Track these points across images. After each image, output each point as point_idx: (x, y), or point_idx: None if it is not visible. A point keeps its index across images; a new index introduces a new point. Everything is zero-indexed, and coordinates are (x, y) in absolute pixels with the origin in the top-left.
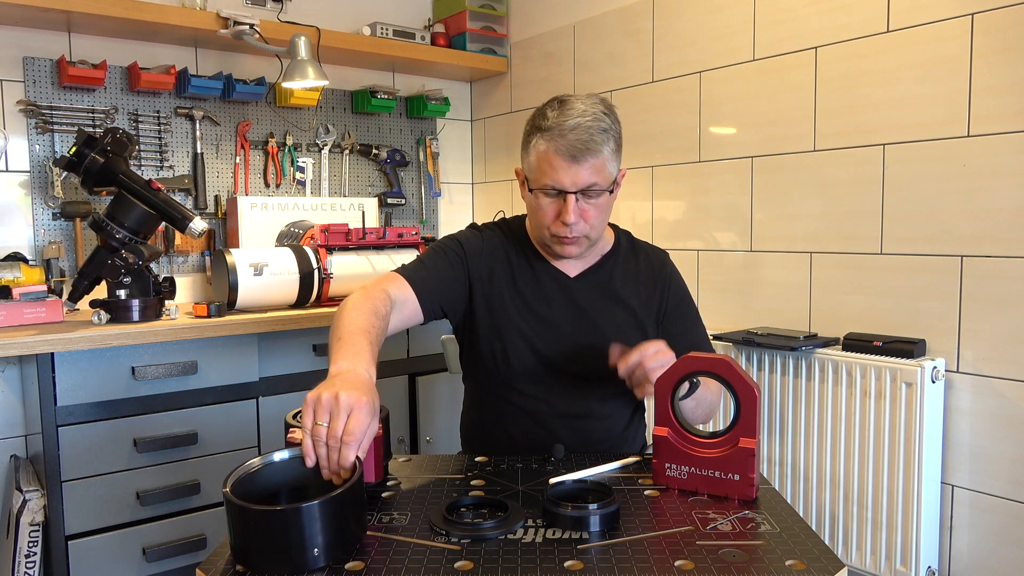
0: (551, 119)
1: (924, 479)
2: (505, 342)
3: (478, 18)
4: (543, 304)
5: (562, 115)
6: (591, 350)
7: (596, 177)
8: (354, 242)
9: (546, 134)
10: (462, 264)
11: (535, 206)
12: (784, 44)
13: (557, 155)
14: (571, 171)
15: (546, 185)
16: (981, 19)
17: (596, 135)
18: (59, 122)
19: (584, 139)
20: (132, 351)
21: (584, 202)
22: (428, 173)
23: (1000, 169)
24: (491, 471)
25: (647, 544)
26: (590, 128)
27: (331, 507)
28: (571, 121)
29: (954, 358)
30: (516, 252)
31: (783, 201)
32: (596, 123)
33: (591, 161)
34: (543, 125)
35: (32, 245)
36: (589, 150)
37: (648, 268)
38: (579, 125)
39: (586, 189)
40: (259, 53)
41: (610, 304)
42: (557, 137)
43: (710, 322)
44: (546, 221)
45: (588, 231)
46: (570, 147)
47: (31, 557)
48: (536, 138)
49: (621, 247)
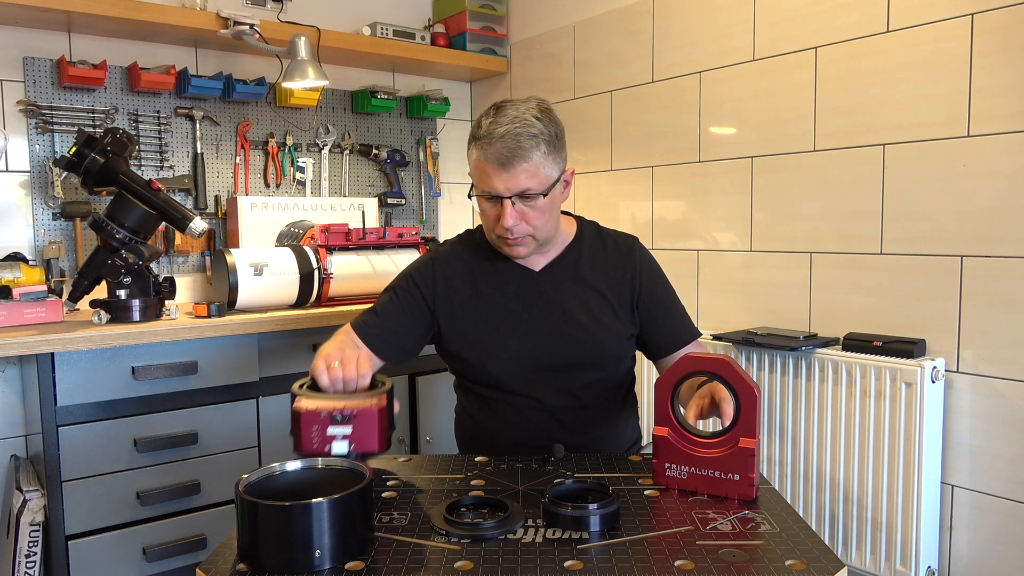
0: (484, 127)
1: (924, 479)
2: (482, 347)
3: (478, 18)
4: (512, 301)
5: (494, 123)
6: (567, 339)
7: (530, 182)
8: (354, 242)
9: (479, 142)
10: (414, 296)
11: (480, 209)
12: (784, 44)
13: (487, 163)
14: (502, 177)
15: (483, 191)
16: (981, 19)
17: (524, 141)
18: (59, 122)
19: (511, 146)
20: (132, 351)
21: (522, 205)
22: (428, 173)
23: (1000, 169)
24: (491, 471)
25: (647, 544)
26: (518, 135)
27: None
28: (501, 129)
29: (954, 358)
30: (478, 258)
31: (783, 201)
32: (525, 129)
33: (521, 166)
34: (477, 134)
35: (32, 245)
36: (517, 156)
37: (616, 253)
38: (507, 132)
39: (521, 193)
40: (259, 53)
41: (579, 290)
42: (486, 145)
43: (710, 322)
44: (490, 224)
45: (532, 231)
46: (498, 155)
47: (31, 557)
48: (472, 145)
49: (585, 236)
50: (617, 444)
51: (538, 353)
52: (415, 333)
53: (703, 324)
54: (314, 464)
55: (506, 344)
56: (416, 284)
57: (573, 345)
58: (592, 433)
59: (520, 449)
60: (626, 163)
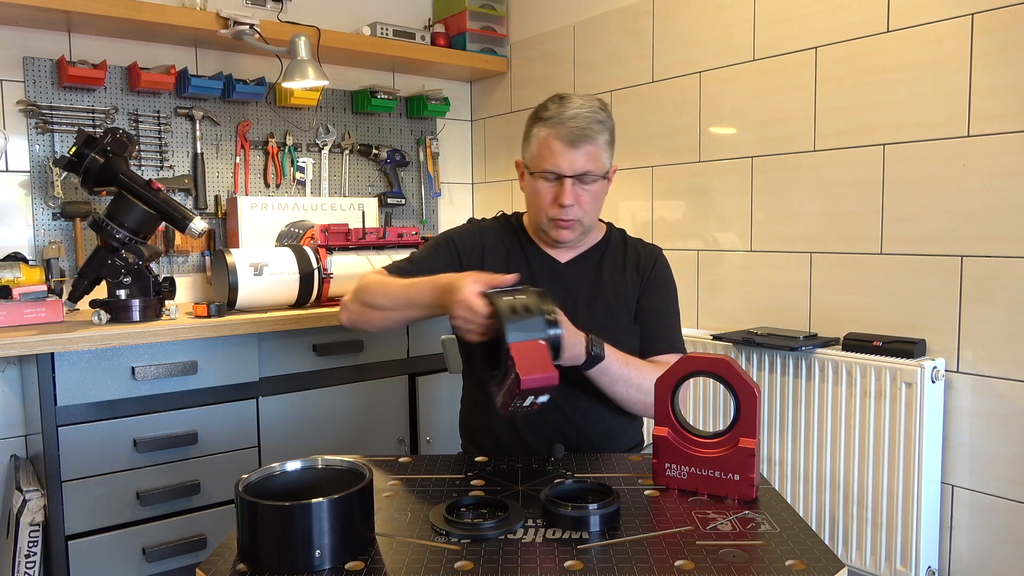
0: (551, 110)
1: (924, 479)
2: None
3: (478, 18)
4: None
5: (562, 107)
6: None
7: (591, 164)
8: (354, 242)
9: (547, 122)
10: (452, 255)
11: (534, 190)
12: (784, 44)
13: (557, 140)
14: (569, 156)
15: (545, 170)
16: (981, 19)
17: (593, 124)
18: (59, 122)
19: (581, 127)
20: (132, 351)
21: (579, 187)
22: (428, 173)
23: (1000, 169)
24: (491, 471)
25: (647, 544)
26: (587, 117)
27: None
28: (571, 111)
29: (954, 358)
30: (512, 239)
31: (783, 201)
32: (593, 115)
33: (587, 148)
34: (544, 116)
35: (32, 245)
36: (586, 137)
37: (635, 257)
38: (578, 115)
39: (582, 175)
40: (259, 53)
41: (597, 289)
42: (557, 124)
43: (710, 322)
44: (543, 204)
45: (582, 216)
46: (569, 133)
47: (31, 557)
48: (537, 127)
49: (612, 239)
50: (619, 444)
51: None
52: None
53: (703, 324)
54: (314, 464)
55: None
56: (455, 245)
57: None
58: (596, 428)
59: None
60: (626, 163)
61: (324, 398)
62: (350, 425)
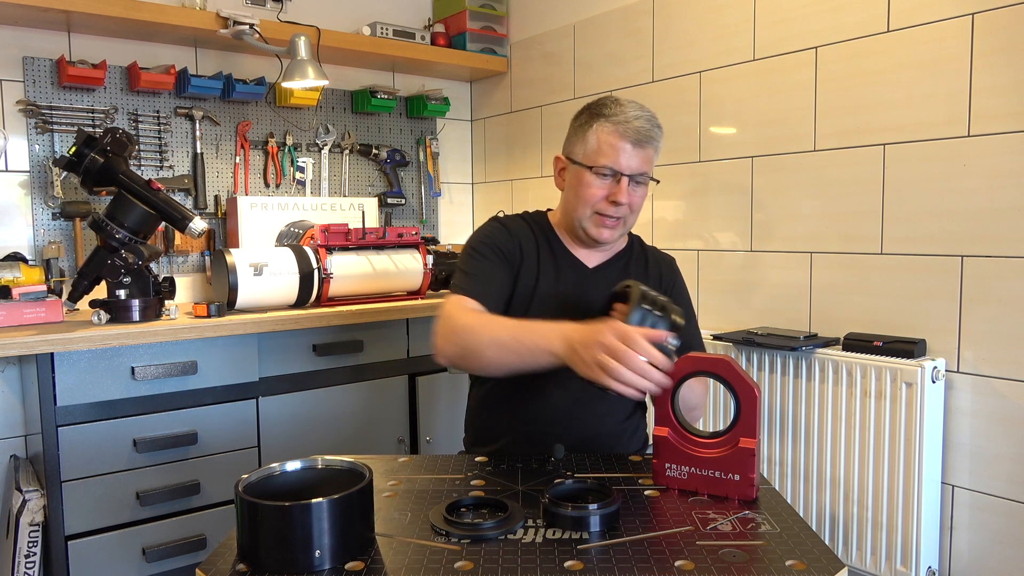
0: (615, 110)
1: (924, 479)
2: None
3: (478, 18)
4: (564, 287)
5: (624, 108)
6: None
7: (647, 166)
8: (354, 242)
9: (611, 119)
10: (500, 257)
11: (584, 184)
12: (784, 44)
13: (623, 138)
14: (632, 155)
15: (604, 165)
16: (981, 19)
17: (655, 128)
18: (59, 122)
19: (647, 128)
20: (132, 351)
21: (632, 187)
22: (428, 173)
23: (1000, 169)
24: (491, 471)
25: (647, 544)
26: (651, 120)
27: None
28: (635, 112)
29: (954, 358)
30: (542, 240)
31: (783, 201)
32: (654, 119)
33: (648, 149)
34: (606, 113)
35: (32, 245)
36: (651, 139)
37: (656, 267)
38: (642, 116)
39: (638, 176)
40: (259, 53)
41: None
42: (623, 123)
43: (710, 322)
44: (592, 199)
45: (628, 215)
46: (636, 132)
47: (31, 557)
48: (599, 122)
49: (634, 248)
50: (625, 446)
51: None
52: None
53: (703, 324)
54: (314, 464)
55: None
56: (499, 246)
57: None
58: (607, 429)
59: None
60: None
61: (324, 398)
62: (350, 425)
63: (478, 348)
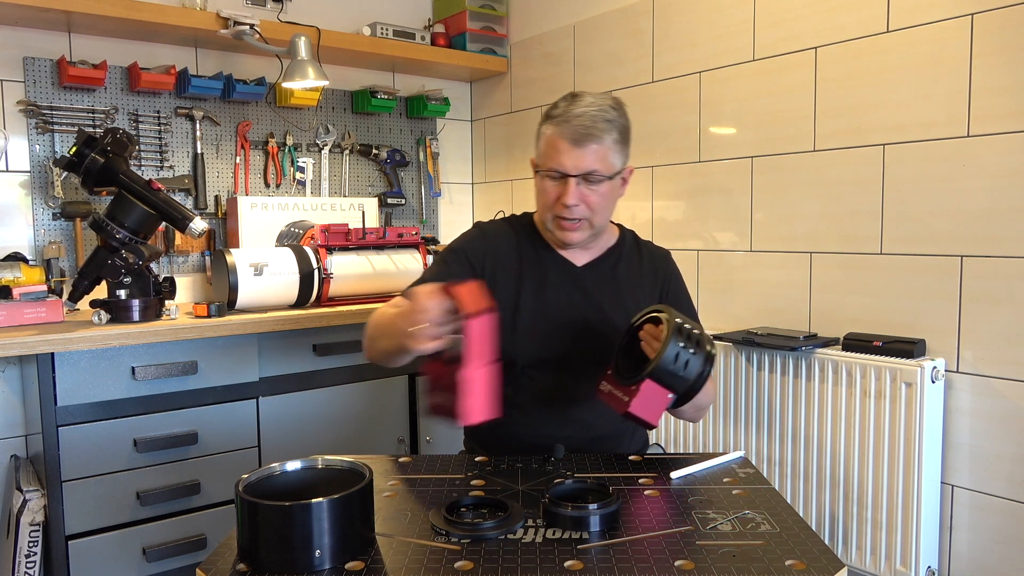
0: (560, 108)
1: (924, 479)
2: (515, 327)
3: (478, 18)
4: (551, 290)
5: (572, 105)
6: (599, 335)
7: (597, 164)
8: (354, 242)
9: (554, 120)
10: (464, 268)
11: (540, 188)
12: (784, 44)
13: (561, 139)
14: (573, 154)
15: (551, 168)
16: (981, 19)
17: (599, 123)
18: (59, 122)
19: (587, 125)
20: (132, 351)
21: (585, 187)
22: (428, 173)
23: (1000, 169)
24: (491, 471)
25: (647, 544)
26: (595, 117)
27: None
28: (578, 110)
29: (954, 358)
30: (523, 242)
31: (783, 201)
32: (601, 113)
33: (592, 147)
34: (553, 113)
35: (32, 245)
36: (591, 136)
37: (651, 263)
38: (585, 113)
39: (587, 174)
40: (259, 53)
41: (616, 292)
42: (563, 123)
43: (710, 322)
44: (549, 203)
45: (589, 215)
46: (573, 131)
47: (31, 557)
48: (546, 123)
49: (626, 243)
50: (625, 446)
51: (570, 345)
52: None
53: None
54: (314, 464)
55: (539, 330)
56: (467, 255)
57: (605, 344)
58: (607, 429)
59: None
60: None
61: (324, 398)
62: (350, 425)
63: (372, 340)
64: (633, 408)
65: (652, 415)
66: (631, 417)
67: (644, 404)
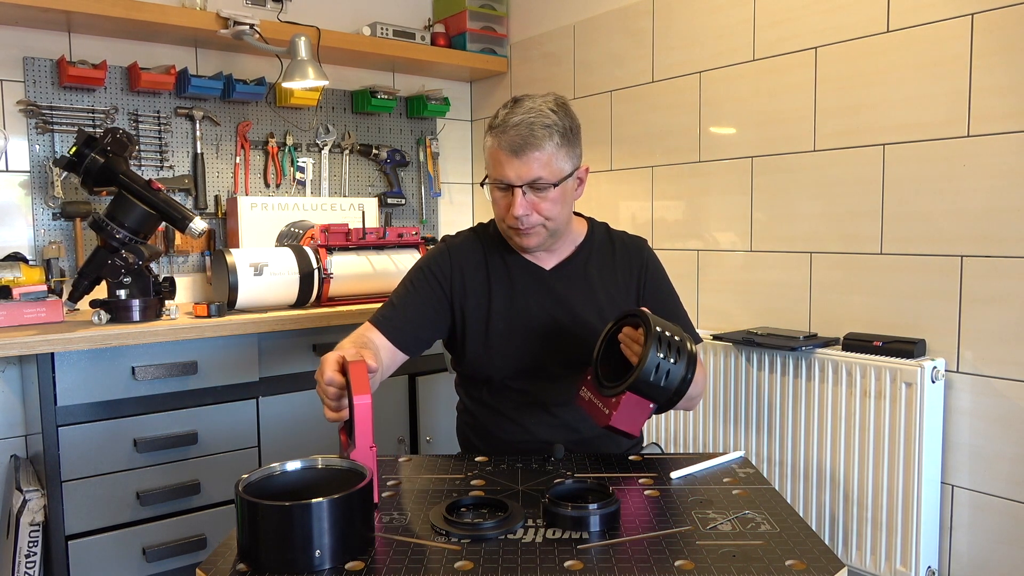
0: (500, 117)
1: (924, 479)
2: (488, 341)
3: (478, 18)
4: (521, 298)
5: (511, 113)
6: (575, 339)
7: (541, 171)
8: (354, 242)
9: (494, 131)
10: (432, 287)
11: (491, 199)
12: (784, 44)
13: (500, 150)
14: (514, 165)
15: (496, 179)
16: (981, 19)
17: (538, 131)
18: (59, 122)
19: (525, 135)
20: (132, 351)
21: (533, 195)
22: (428, 173)
23: (1000, 169)
24: (491, 471)
25: (647, 544)
26: (532, 124)
27: (340, 507)
28: (516, 118)
29: (954, 358)
30: (490, 252)
31: (783, 201)
32: (539, 119)
33: (533, 155)
34: (493, 123)
35: (32, 245)
36: (530, 145)
37: (625, 255)
38: (522, 122)
39: (532, 183)
40: (259, 53)
41: (588, 291)
42: (501, 134)
43: (710, 322)
44: (500, 213)
45: (543, 222)
46: (511, 143)
47: (31, 557)
48: (487, 135)
49: (595, 237)
50: (615, 446)
51: (545, 351)
52: (433, 323)
53: (703, 324)
54: (314, 464)
55: (514, 340)
56: (434, 274)
57: (581, 346)
58: (589, 432)
59: (522, 448)
60: (626, 163)
61: None
62: None
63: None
64: (615, 421)
65: (634, 427)
66: (613, 430)
67: (625, 416)
